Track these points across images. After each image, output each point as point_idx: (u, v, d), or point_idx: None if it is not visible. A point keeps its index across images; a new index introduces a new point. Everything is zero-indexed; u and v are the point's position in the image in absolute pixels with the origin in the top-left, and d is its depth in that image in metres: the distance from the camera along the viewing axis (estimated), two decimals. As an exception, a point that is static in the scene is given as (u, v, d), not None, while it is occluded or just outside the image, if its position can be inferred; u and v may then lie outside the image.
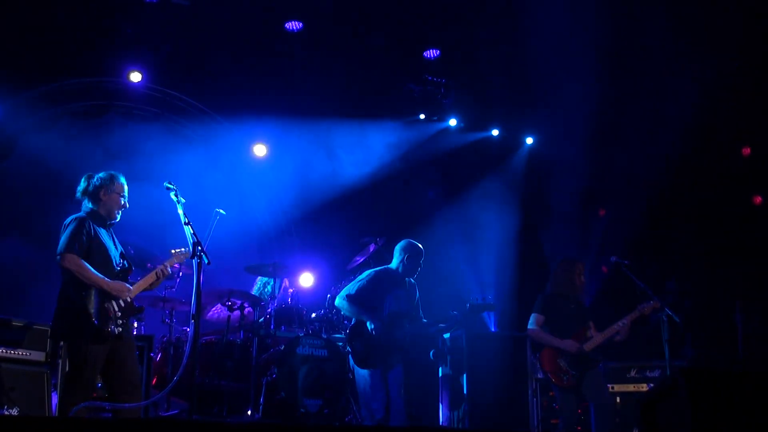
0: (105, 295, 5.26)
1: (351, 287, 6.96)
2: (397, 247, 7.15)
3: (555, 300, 7.07)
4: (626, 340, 6.89)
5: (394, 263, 7.10)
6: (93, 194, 5.52)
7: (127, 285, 5.41)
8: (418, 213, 10.11)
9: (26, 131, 8.54)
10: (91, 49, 8.54)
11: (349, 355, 6.91)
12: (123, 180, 5.61)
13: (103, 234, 5.48)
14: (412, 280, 7.11)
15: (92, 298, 5.22)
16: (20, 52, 8.05)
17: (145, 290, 5.60)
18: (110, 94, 9.10)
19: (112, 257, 5.45)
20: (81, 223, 5.38)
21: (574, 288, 7.07)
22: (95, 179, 5.55)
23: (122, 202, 5.56)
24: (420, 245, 7.08)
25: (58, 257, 5.26)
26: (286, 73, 9.41)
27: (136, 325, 7.06)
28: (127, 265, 5.54)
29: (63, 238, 5.31)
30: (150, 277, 5.55)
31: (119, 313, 5.29)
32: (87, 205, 5.53)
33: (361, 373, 6.73)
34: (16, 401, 6.06)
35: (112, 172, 5.60)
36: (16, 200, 8.45)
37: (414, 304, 7.04)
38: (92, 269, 5.25)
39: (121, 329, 5.30)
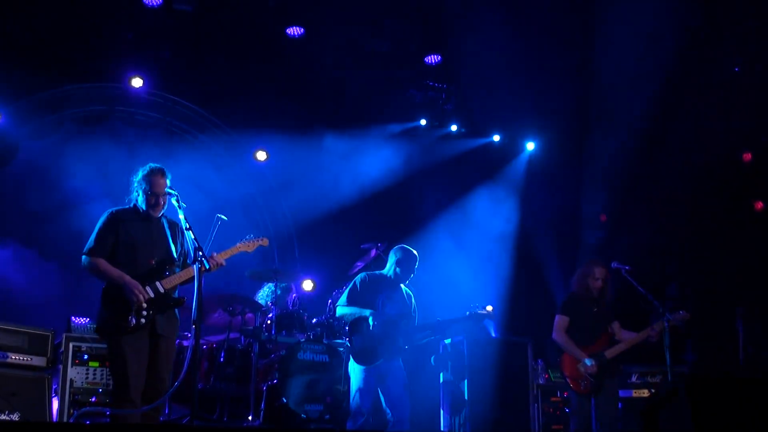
0: (126, 290, 5.23)
1: (343, 295, 6.96)
2: (391, 253, 7.10)
3: (577, 302, 7.01)
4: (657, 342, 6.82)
5: (387, 269, 7.04)
6: (135, 188, 5.51)
7: (158, 284, 5.33)
8: (418, 219, 10.10)
9: (28, 137, 8.56)
10: (92, 54, 8.54)
11: (348, 352, 6.82)
12: (156, 174, 5.48)
13: (139, 227, 5.45)
14: (408, 291, 7.06)
15: (115, 293, 5.25)
16: (22, 58, 8.06)
17: (183, 284, 5.50)
18: (112, 99, 9.12)
19: (148, 251, 5.41)
20: (106, 220, 5.43)
21: (589, 291, 6.97)
22: (136, 173, 5.54)
23: (153, 200, 5.46)
24: (413, 251, 6.97)
25: (82, 258, 5.36)
26: (287, 78, 9.42)
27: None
28: (174, 256, 5.48)
29: (89, 239, 5.39)
30: (188, 272, 5.44)
31: (145, 305, 5.24)
32: (133, 197, 5.53)
33: (356, 370, 6.65)
34: (17, 406, 6.05)
35: (148, 167, 5.53)
36: (17, 206, 8.45)
37: (410, 310, 6.96)
38: (109, 267, 5.28)
39: (145, 320, 5.23)
